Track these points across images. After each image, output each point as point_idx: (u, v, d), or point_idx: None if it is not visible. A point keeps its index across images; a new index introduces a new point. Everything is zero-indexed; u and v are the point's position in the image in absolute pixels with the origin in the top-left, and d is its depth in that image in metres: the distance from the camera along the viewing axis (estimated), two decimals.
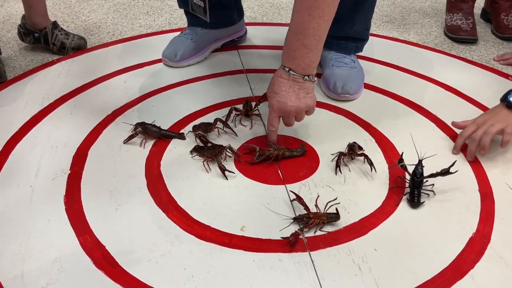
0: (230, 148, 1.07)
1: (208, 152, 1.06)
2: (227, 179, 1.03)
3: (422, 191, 0.97)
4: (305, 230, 0.90)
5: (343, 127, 1.19)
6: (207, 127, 1.14)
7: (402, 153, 1.03)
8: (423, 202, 0.97)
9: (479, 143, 1.06)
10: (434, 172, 0.98)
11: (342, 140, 1.12)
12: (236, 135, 1.16)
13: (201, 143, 1.11)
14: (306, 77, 1.01)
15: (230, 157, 1.08)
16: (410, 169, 0.99)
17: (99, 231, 0.90)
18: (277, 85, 1.02)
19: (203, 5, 1.31)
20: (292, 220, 0.92)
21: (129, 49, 1.56)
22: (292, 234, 0.87)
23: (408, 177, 0.99)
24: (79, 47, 1.54)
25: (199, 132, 1.13)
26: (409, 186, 0.98)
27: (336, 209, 0.92)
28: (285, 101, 1.02)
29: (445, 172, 0.98)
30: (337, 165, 1.05)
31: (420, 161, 0.99)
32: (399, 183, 1.01)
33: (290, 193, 0.97)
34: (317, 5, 0.93)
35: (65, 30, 1.54)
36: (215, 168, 1.05)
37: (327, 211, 0.93)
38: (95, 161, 1.07)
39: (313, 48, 0.98)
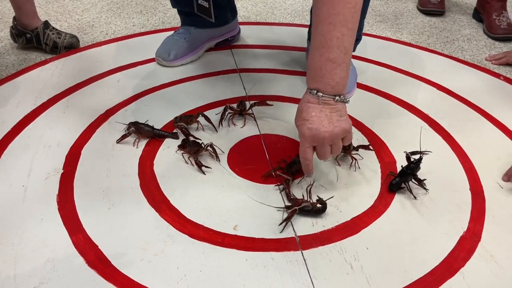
0: (211, 146, 1.07)
1: (190, 148, 1.06)
2: (204, 174, 1.04)
3: (405, 185, 0.99)
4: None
5: None
6: (188, 119, 1.16)
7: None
8: (399, 188, 1.00)
9: None
10: (420, 179, 0.99)
11: None
12: (216, 130, 1.17)
13: (183, 134, 1.13)
14: (337, 97, 0.90)
15: (222, 153, 1.09)
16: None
17: (92, 231, 0.90)
18: (305, 111, 0.90)
19: (207, 5, 1.31)
20: (284, 209, 0.93)
21: (122, 48, 1.55)
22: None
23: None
24: (72, 46, 1.53)
25: (181, 124, 1.15)
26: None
27: (323, 200, 0.94)
28: (317, 127, 0.89)
29: (421, 184, 0.99)
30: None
31: (420, 159, 1.00)
32: (391, 179, 1.02)
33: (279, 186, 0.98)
34: (336, 12, 0.85)
35: (57, 29, 1.54)
36: (208, 168, 1.06)
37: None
38: (88, 160, 1.07)
39: (340, 62, 0.88)
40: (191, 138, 1.11)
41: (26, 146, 1.11)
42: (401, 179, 0.99)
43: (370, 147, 1.09)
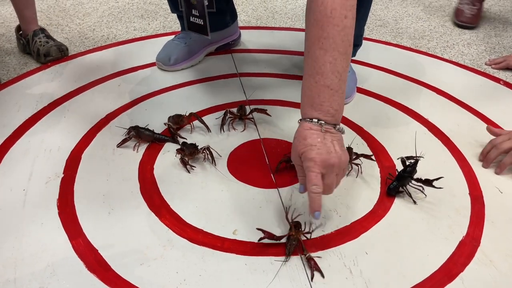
0: (208, 148, 1.08)
1: (186, 149, 1.07)
2: (189, 172, 1.05)
3: (403, 189, 1.00)
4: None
5: None
6: (178, 119, 1.17)
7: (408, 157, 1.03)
8: (397, 192, 1.00)
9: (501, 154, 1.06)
10: (421, 178, 0.99)
11: None
12: (209, 130, 1.18)
13: (169, 132, 1.15)
14: (338, 126, 0.87)
15: (219, 157, 1.10)
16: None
17: (92, 235, 0.90)
18: (310, 138, 0.84)
19: (202, 23, 1.31)
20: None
21: (123, 53, 1.56)
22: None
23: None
24: (49, 54, 1.48)
25: (169, 123, 1.17)
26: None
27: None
28: (327, 151, 0.83)
29: (428, 183, 0.98)
30: None
31: (415, 162, 0.99)
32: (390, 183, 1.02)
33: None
34: (325, 35, 0.82)
35: (48, 37, 1.52)
36: (207, 172, 1.06)
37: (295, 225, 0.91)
38: (88, 164, 1.08)
39: (337, 89, 0.84)
40: (185, 140, 1.13)
41: (26, 150, 1.11)
42: (398, 183, 0.99)
43: (373, 157, 1.09)
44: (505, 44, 1.70)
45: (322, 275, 0.83)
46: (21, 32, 1.53)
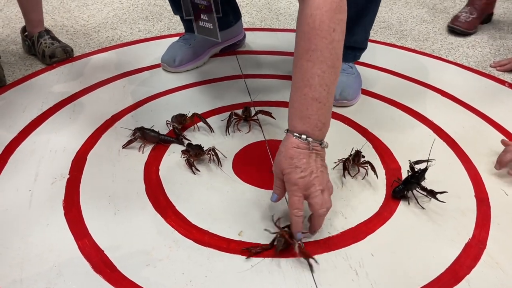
0: (213, 150, 1.08)
1: (192, 151, 1.07)
2: (194, 173, 1.05)
3: (408, 194, 1.00)
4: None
5: (340, 133, 1.20)
6: (181, 118, 1.18)
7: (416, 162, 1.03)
8: (402, 196, 1.00)
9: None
10: (426, 187, 0.99)
11: (339, 146, 1.13)
12: (212, 131, 1.19)
13: (174, 133, 1.16)
14: (323, 143, 0.87)
15: (225, 158, 1.10)
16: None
17: (98, 236, 0.90)
18: (296, 158, 0.84)
19: (211, 27, 1.31)
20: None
21: (128, 54, 1.56)
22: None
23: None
24: (54, 55, 1.49)
25: (174, 124, 1.18)
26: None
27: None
28: (310, 173, 0.84)
29: (432, 194, 0.98)
30: (345, 169, 1.06)
31: (424, 169, 0.99)
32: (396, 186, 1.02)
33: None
34: (313, 48, 0.82)
35: (53, 39, 1.52)
36: (212, 173, 1.06)
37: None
38: (94, 165, 1.08)
39: (325, 102, 0.84)
40: (187, 141, 1.14)
41: (32, 151, 1.12)
42: (404, 187, 0.99)
43: (377, 175, 1.06)
44: (510, 46, 1.70)
45: (316, 261, 0.85)
46: (26, 33, 1.54)
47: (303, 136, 0.85)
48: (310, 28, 0.82)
